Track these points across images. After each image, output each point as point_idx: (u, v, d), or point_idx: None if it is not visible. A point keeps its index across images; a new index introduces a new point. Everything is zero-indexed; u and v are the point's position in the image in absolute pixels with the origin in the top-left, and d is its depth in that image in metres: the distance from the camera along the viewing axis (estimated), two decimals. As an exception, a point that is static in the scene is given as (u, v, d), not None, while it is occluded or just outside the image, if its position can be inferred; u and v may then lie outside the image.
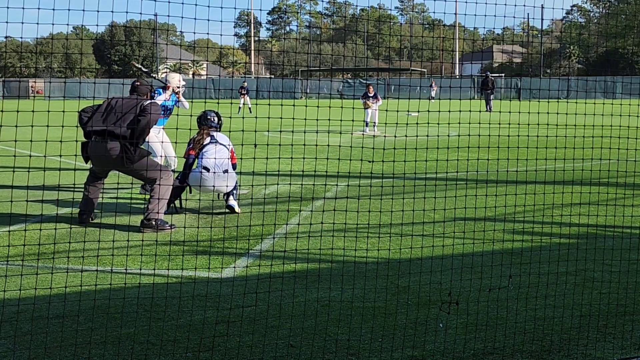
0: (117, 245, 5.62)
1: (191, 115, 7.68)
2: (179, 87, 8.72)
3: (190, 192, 7.77)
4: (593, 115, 5.44)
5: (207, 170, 7.09)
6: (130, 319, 3.89)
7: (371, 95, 19.32)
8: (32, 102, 6.18)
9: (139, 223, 6.51)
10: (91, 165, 6.88)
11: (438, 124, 4.70)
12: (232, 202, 7.17)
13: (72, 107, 6.05)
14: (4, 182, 9.31)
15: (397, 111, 5.21)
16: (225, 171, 7.14)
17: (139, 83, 7.24)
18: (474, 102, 33.35)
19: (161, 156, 8.77)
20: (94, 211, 6.91)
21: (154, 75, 9.26)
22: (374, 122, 18.94)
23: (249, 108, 30.66)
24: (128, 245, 5.44)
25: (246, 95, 31.29)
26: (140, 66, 9.40)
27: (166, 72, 8.95)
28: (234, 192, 7.23)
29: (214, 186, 7.08)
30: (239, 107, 30.40)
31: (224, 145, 7.34)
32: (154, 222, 6.42)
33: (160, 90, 8.61)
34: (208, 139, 7.37)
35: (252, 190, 8.76)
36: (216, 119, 7.64)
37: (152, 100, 6.87)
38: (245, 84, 32.29)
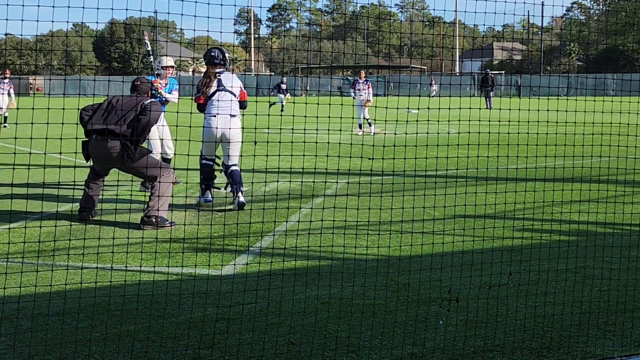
0: (117, 242, 5.62)
1: (191, 113, 7.66)
2: (170, 71, 8.74)
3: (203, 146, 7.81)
4: (593, 113, 5.44)
5: (215, 116, 7.23)
6: (130, 317, 3.89)
7: (362, 81, 17.70)
8: (32, 100, 6.18)
9: (139, 220, 6.52)
10: (92, 164, 6.89)
11: (438, 121, 4.70)
12: (243, 198, 7.26)
13: (72, 104, 6.04)
14: (4, 180, 9.31)
15: (397, 108, 5.21)
16: (233, 115, 7.27)
17: (139, 82, 7.25)
18: (474, 99, 33.33)
19: (160, 153, 8.77)
20: (94, 208, 6.91)
21: (154, 56, 9.29)
22: (367, 119, 17.63)
23: (282, 105, 29.95)
24: (128, 243, 5.44)
25: (287, 93, 30.76)
26: (148, 42, 9.42)
27: (159, 61, 8.89)
28: (242, 188, 7.31)
29: (228, 128, 7.20)
30: (282, 105, 29.71)
31: (230, 92, 7.39)
32: (154, 220, 6.42)
33: (153, 77, 8.61)
34: (214, 86, 7.37)
35: (252, 187, 8.76)
36: (220, 55, 7.53)
37: (153, 99, 6.90)
38: (285, 79, 31.84)
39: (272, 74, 58.81)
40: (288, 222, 6.64)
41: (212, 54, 7.49)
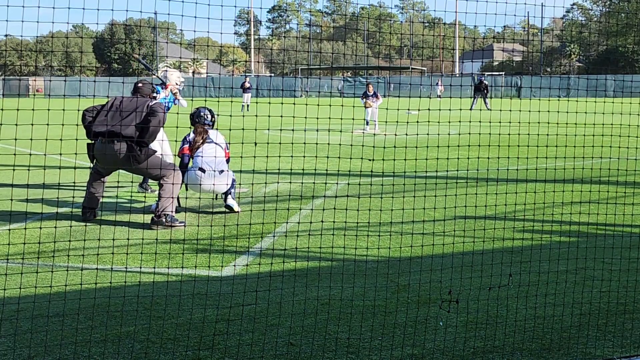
0: (117, 243, 5.62)
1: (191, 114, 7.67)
2: (177, 85, 8.70)
3: (187, 190, 7.75)
4: (594, 114, 5.44)
5: (203, 171, 7.08)
6: (130, 318, 3.89)
7: (370, 94, 19.54)
8: (32, 101, 6.19)
9: (149, 220, 6.48)
10: (95, 164, 6.87)
11: (438, 122, 4.70)
12: (231, 201, 7.15)
13: (72, 105, 6.03)
14: (4, 181, 9.31)
15: (398, 109, 5.21)
16: (221, 171, 7.11)
17: (141, 84, 7.22)
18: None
19: (161, 154, 8.76)
20: (97, 208, 6.91)
21: (153, 73, 9.27)
22: (374, 121, 19.09)
23: (247, 106, 30.71)
24: (128, 244, 5.44)
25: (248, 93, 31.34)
26: (139, 58, 9.43)
27: (166, 70, 8.93)
28: (232, 190, 7.20)
29: (213, 184, 7.04)
30: (243, 105, 30.42)
31: (219, 145, 7.31)
32: (164, 219, 6.43)
33: (159, 88, 8.60)
34: (201, 139, 7.33)
35: (252, 188, 8.76)
36: (209, 115, 7.60)
37: (157, 101, 6.90)
38: (247, 78, 32.25)
39: (272, 75, 58.81)
40: (288, 223, 6.63)
41: (202, 114, 7.55)
